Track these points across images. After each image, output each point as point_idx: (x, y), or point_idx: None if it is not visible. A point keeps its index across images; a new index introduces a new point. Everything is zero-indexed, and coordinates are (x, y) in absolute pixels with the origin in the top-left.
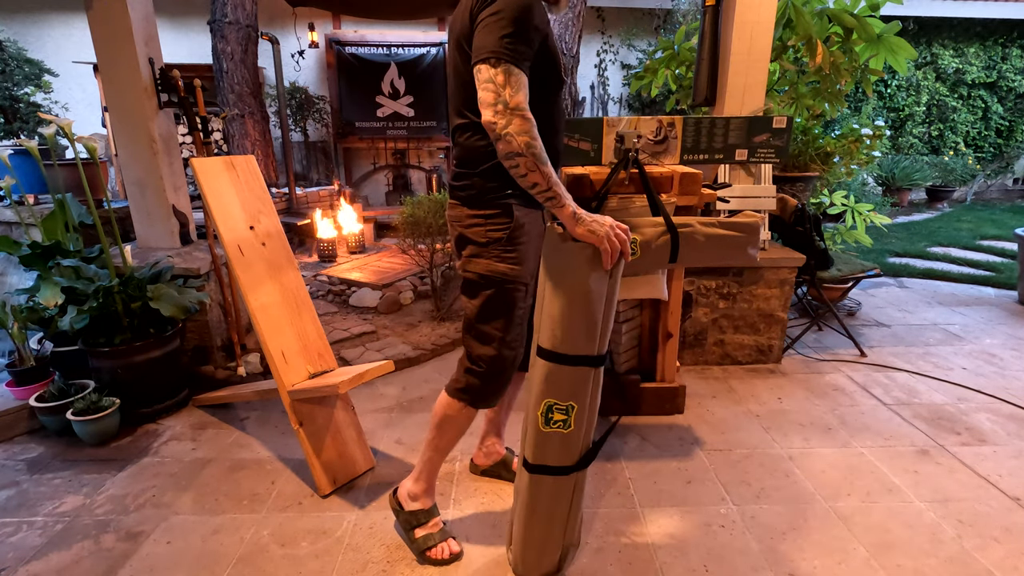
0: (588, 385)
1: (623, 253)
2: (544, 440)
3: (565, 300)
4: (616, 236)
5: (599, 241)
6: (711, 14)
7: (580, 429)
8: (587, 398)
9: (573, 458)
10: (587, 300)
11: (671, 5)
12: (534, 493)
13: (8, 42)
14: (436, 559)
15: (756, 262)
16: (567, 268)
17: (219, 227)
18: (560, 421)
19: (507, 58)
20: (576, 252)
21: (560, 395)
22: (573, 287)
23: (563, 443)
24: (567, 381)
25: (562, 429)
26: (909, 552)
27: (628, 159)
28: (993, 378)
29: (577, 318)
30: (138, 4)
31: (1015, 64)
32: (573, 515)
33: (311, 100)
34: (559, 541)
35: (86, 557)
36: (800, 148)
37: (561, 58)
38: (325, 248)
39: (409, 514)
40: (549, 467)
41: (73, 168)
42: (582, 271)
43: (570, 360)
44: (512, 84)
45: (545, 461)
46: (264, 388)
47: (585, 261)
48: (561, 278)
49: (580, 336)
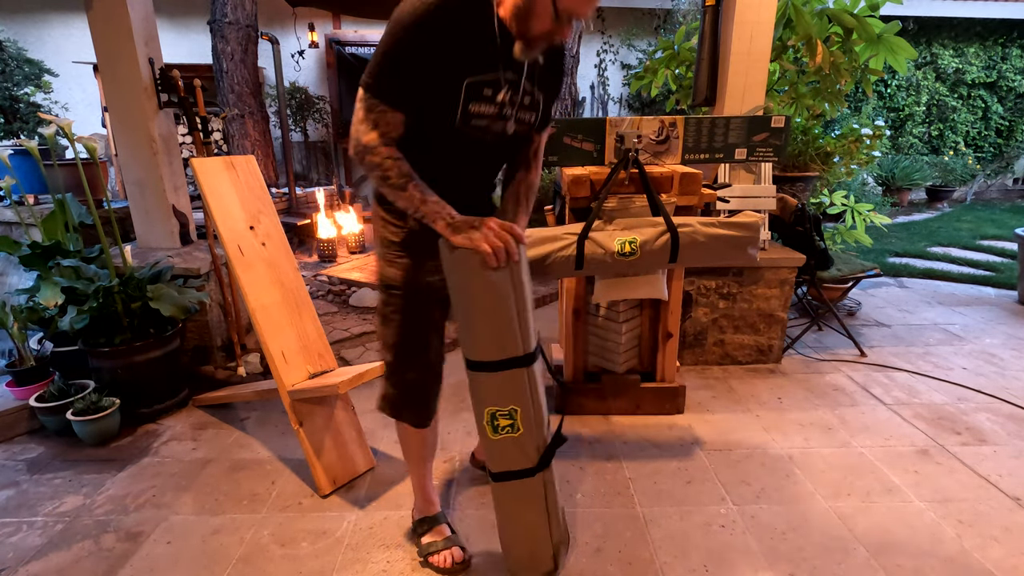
0: (524, 385)
1: (509, 252)
2: (498, 448)
3: (469, 309)
4: (496, 235)
5: (477, 245)
6: (711, 14)
7: (530, 430)
8: (527, 398)
9: (532, 459)
10: (490, 304)
11: (671, 5)
12: (505, 500)
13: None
14: (437, 566)
15: (756, 262)
16: (462, 277)
17: (219, 227)
18: (507, 426)
19: (372, 90)
20: (464, 260)
21: (499, 401)
22: (472, 295)
23: (517, 447)
24: (500, 386)
25: (512, 433)
26: (909, 552)
27: (628, 159)
28: (993, 378)
29: (485, 324)
30: (138, 4)
31: (1015, 64)
32: (552, 512)
33: (311, 100)
34: (546, 540)
35: (86, 557)
36: (800, 148)
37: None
38: (325, 248)
39: (416, 523)
40: (512, 472)
41: (73, 168)
42: (477, 277)
43: (495, 366)
44: (368, 120)
45: (506, 467)
46: (264, 388)
47: (476, 266)
48: (460, 288)
49: (494, 340)
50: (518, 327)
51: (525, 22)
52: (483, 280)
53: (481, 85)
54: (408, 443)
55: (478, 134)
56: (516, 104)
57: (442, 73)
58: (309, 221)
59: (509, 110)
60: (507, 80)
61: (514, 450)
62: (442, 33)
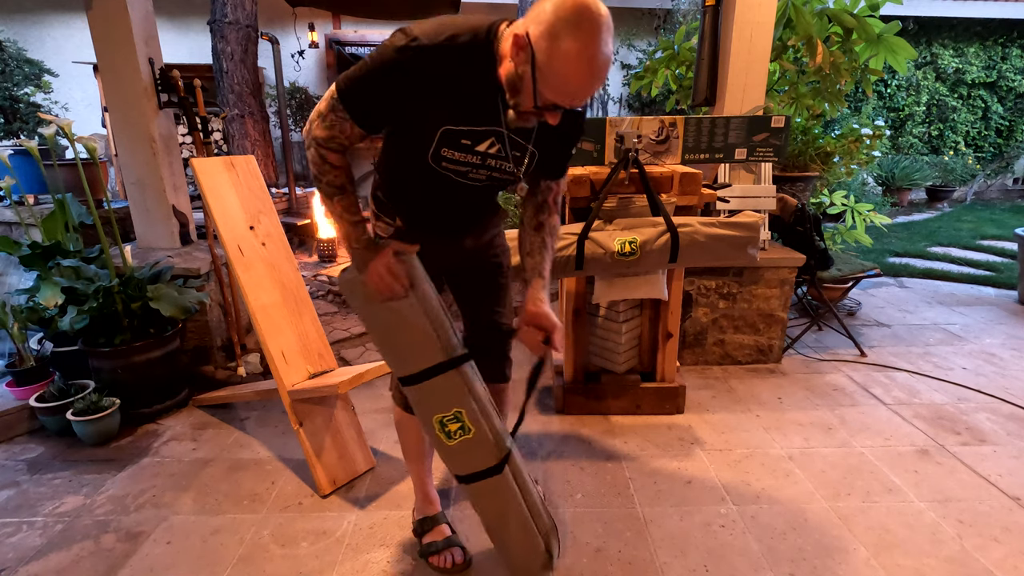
0: (461, 387)
1: (393, 294)
2: (458, 453)
3: (373, 330)
4: (380, 278)
5: (364, 280)
6: (711, 14)
7: (482, 427)
8: (468, 398)
9: (494, 455)
10: (393, 323)
11: (671, 5)
12: (482, 501)
13: (8, 42)
14: (437, 566)
15: (756, 262)
16: (354, 302)
17: (219, 227)
18: (458, 429)
19: (342, 95)
20: (350, 285)
21: (440, 407)
22: (375, 314)
23: (475, 447)
24: (435, 394)
25: (466, 435)
26: (909, 552)
27: (628, 159)
28: (993, 378)
29: (394, 341)
30: (138, 4)
31: (1015, 64)
32: (531, 504)
33: (311, 100)
34: (533, 532)
35: (86, 557)
36: (800, 148)
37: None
38: (325, 248)
39: (417, 523)
40: (478, 473)
41: (73, 168)
42: (367, 302)
43: (422, 376)
44: (328, 119)
45: (471, 469)
46: (264, 388)
47: (362, 293)
48: (358, 311)
49: (411, 354)
50: (434, 334)
51: (513, 95)
52: (374, 304)
53: (459, 135)
54: (407, 442)
55: (454, 177)
56: (504, 157)
57: (417, 113)
58: (309, 221)
59: (493, 161)
60: (495, 134)
61: (474, 450)
62: (427, 78)
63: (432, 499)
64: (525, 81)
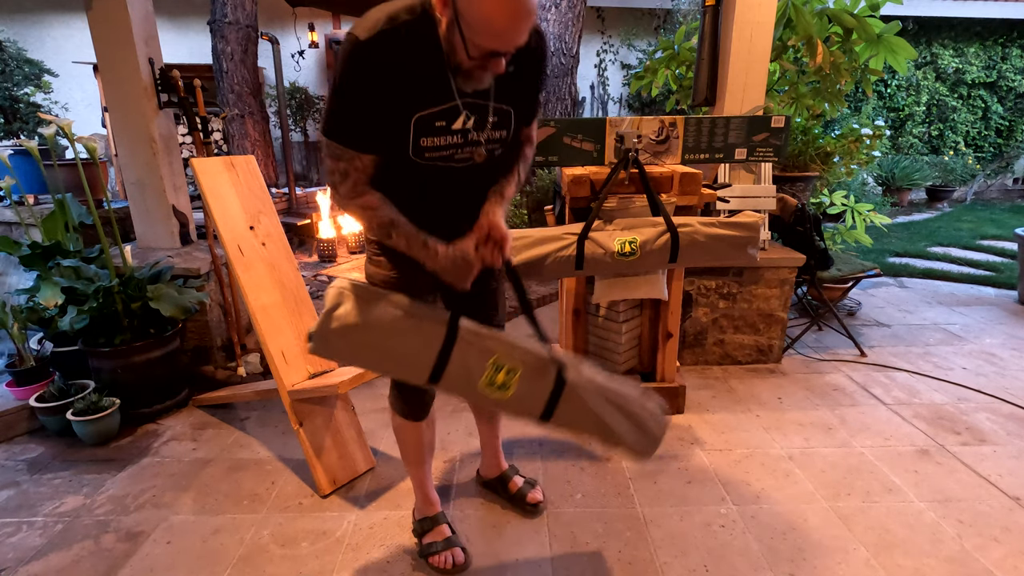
0: (476, 342)
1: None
2: (523, 395)
3: (372, 360)
4: (472, 263)
5: (465, 279)
6: (711, 14)
7: (522, 354)
8: (490, 343)
9: (550, 371)
10: (383, 342)
11: (671, 5)
12: (575, 421)
13: (8, 42)
14: (437, 567)
15: (756, 262)
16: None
17: (219, 227)
18: (506, 375)
19: (334, 136)
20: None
21: (478, 373)
22: (364, 346)
23: (531, 376)
24: (464, 368)
25: (516, 374)
26: (909, 552)
27: (628, 159)
28: (993, 378)
29: (396, 354)
30: (138, 4)
31: (1015, 64)
32: (611, 391)
33: (311, 100)
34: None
35: (86, 557)
36: (800, 148)
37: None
38: (325, 248)
39: (417, 523)
40: (552, 397)
41: (73, 168)
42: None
43: (439, 365)
44: (339, 170)
45: (544, 398)
46: (264, 388)
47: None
48: (352, 351)
49: (415, 356)
50: (421, 320)
51: (451, 54)
52: (358, 339)
53: (431, 119)
54: (406, 446)
55: (442, 163)
56: (484, 126)
57: (388, 108)
58: (309, 221)
59: (475, 135)
60: (466, 106)
61: (534, 379)
62: (383, 67)
63: (432, 500)
64: (455, 34)
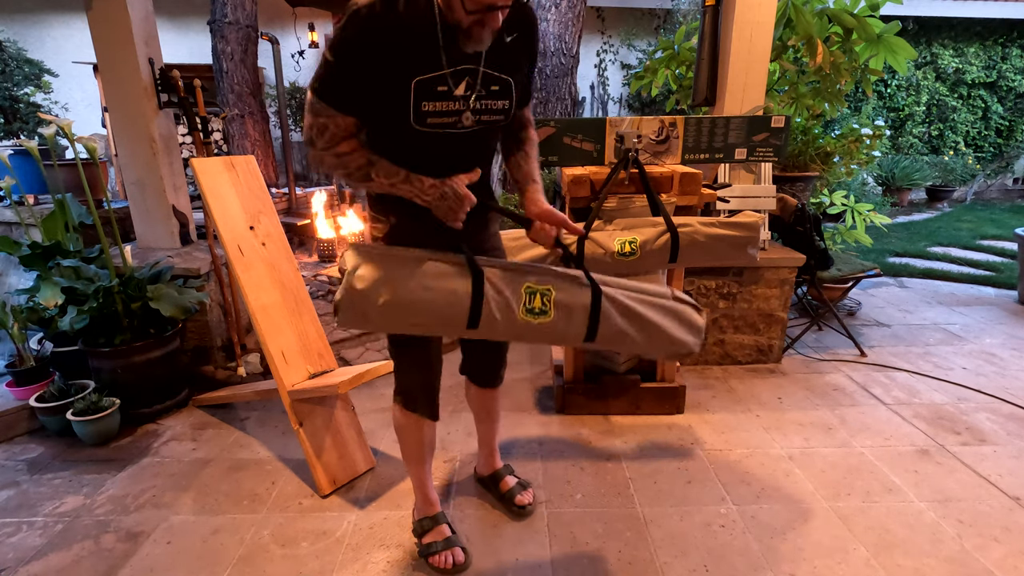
0: (503, 277)
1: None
2: (561, 318)
3: (409, 318)
4: (462, 200)
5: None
6: (711, 14)
7: (552, 277)
8: (515, 276)
9: (584, 285)
10: (417, 298)
11: (671, 5)
12: (620, 332)
13: (8, 42)
14: (437, 567)
15: (756, 262)
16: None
17: (219, 227)
18: (541, 301)
19: (318, 94)
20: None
21: (517, 303)
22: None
23: (567, 296)
24: (499, 303)
25: (549, 296)
26: (909, 552)
27: (628, 159)
28: (993, 378)
29: (431, 310)
30: (138, 4)
31: (1015, 64)
32: (642, 291)
33: None
34: (669, 309)
35: (86, 557)
36: (800, 148)
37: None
38: (325, 248)
39: (417, 523)
40: (592, 314)
41: (73, 168)
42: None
43: (475, 309)
44: (317, 124)
45: (585, 317)
46: (264, 388)
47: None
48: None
49: (449, 308)
50: (444, 264)
51: (449, 14)
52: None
53: (432, 83)
54: (407, 444)
55: (443, 130)
56: (486, 93)
57: (388, 75)
58: (309, 221)
59: (475, 102)
60: (465, 72)
61: (570, 299)
62: (382, 34)
63: (432, 500)
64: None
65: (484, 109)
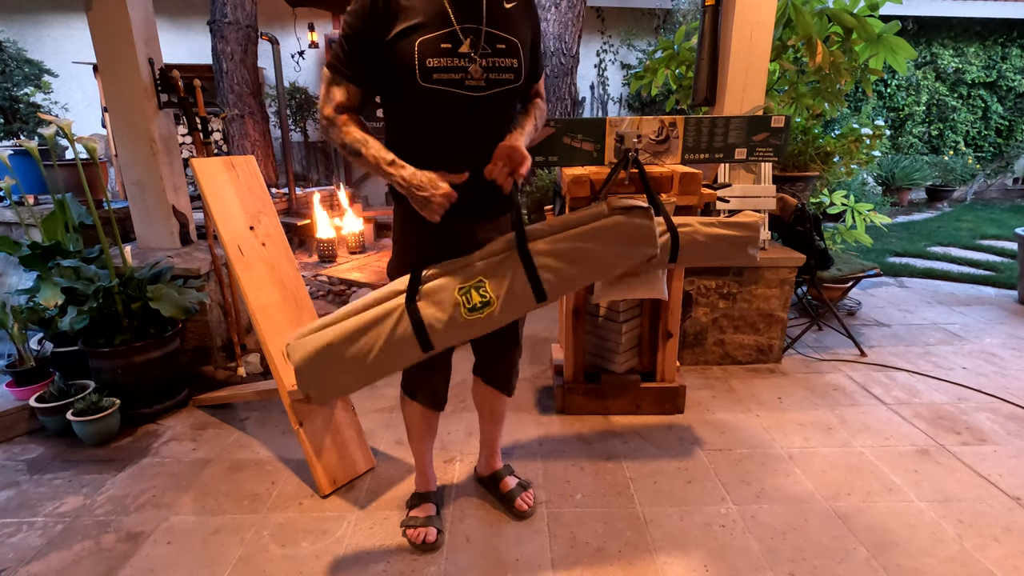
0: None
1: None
2: (508, 299)
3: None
4: (442, 198)
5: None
6: (711, 14)
7: (479, 265)
8: (460, 269)
9: (509, 254)
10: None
11: (671, 5)
12: (565, 277)
13: (8, 42)
14: (410, 539)
15: (756, 262)
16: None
17: (219, 227)
18: (479, 294)
19: (331, 68)
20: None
21: (459, 284)
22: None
23: (498, 274)
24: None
25: (486, 297)
26: (909, 552)
27: (628, 159)
28: (993, 378)
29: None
30: (138, 4)
31: (1015, 64)
32: (574, 222)
33: (311, 100)
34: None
35: (86, 558)
36: (800, 148)
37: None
38: (325, 248)
39: (411, 496)
40: (529, 270)
41: (73, 168)
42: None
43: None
44: (326, 94)
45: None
46: (264, 388)
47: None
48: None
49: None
50: (377, 308)
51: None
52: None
53: (436, 41)
54: (410, 422)
55: (451, 88)
56: (491, 51)
57: (394, 42)
58: (309, 221)
59: (481, 59)
60: (468, 31)
61: (503, 278)
62: (382, 5)
63: (428, 478)
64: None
65: (492, 67)
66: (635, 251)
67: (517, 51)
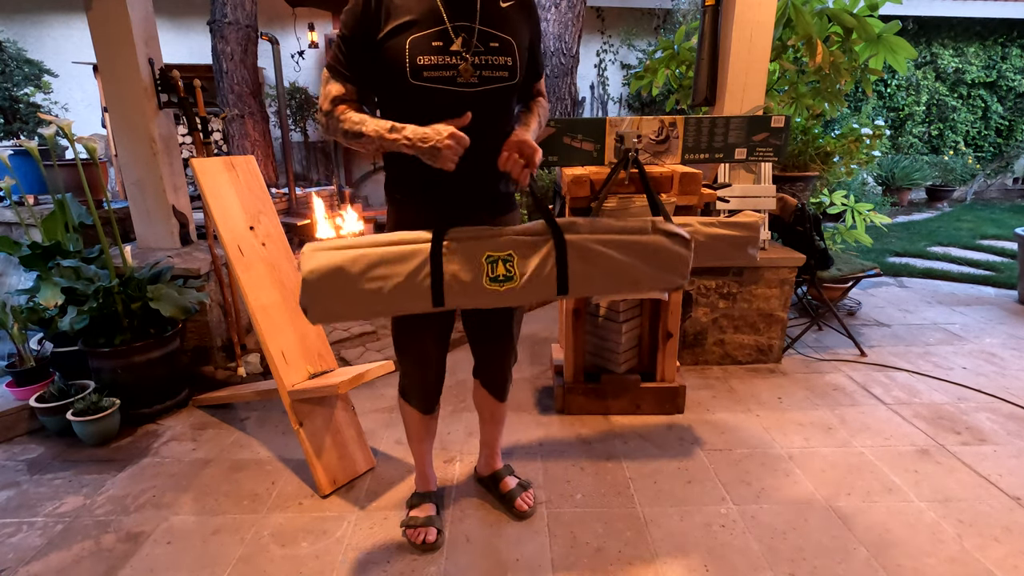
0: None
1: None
2: (532, 278)
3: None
4: (452, 143)
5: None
6: (711, 14)
7: (508, 237)
8: (479, 243)
9: (546, 242)
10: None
11: (671, 5)
12: (599, 275)
13: (8, 42)
14: (410, 539)
15: (756, 262)
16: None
17: (219, 227)
18: (504, 269)
19: (329, 69)
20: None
21: (479, 263)
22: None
23: (528, 254)
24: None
25: (512, 264)
26: (909, 552)
27: (628, 159)
28: (993, 378)
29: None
30: (138, 4)
31: (1015, 64)
32: (616, 231)
33: (311, 100)
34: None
35: (86, 558)
36: (800, 148)
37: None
38: None
39: (411, 496)
40: (560, 263)
41: (73, 168)
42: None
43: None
44: (324, 91)
45: (552, 263)
46: (264, 388)
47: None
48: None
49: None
50: (402, 248)
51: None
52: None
53: (427, 39)
54: (408, 424)
55: (442, 85)
56: (479, 50)
57: (386, 41)
58: (309, 221)
59: (473, 57)
60: (460, 29)
61: (533, 259)
62: (373, 7)
63: (428, 478)
64: None
65: (485, 64)
66: (666, 277)
67: (512, 50)
